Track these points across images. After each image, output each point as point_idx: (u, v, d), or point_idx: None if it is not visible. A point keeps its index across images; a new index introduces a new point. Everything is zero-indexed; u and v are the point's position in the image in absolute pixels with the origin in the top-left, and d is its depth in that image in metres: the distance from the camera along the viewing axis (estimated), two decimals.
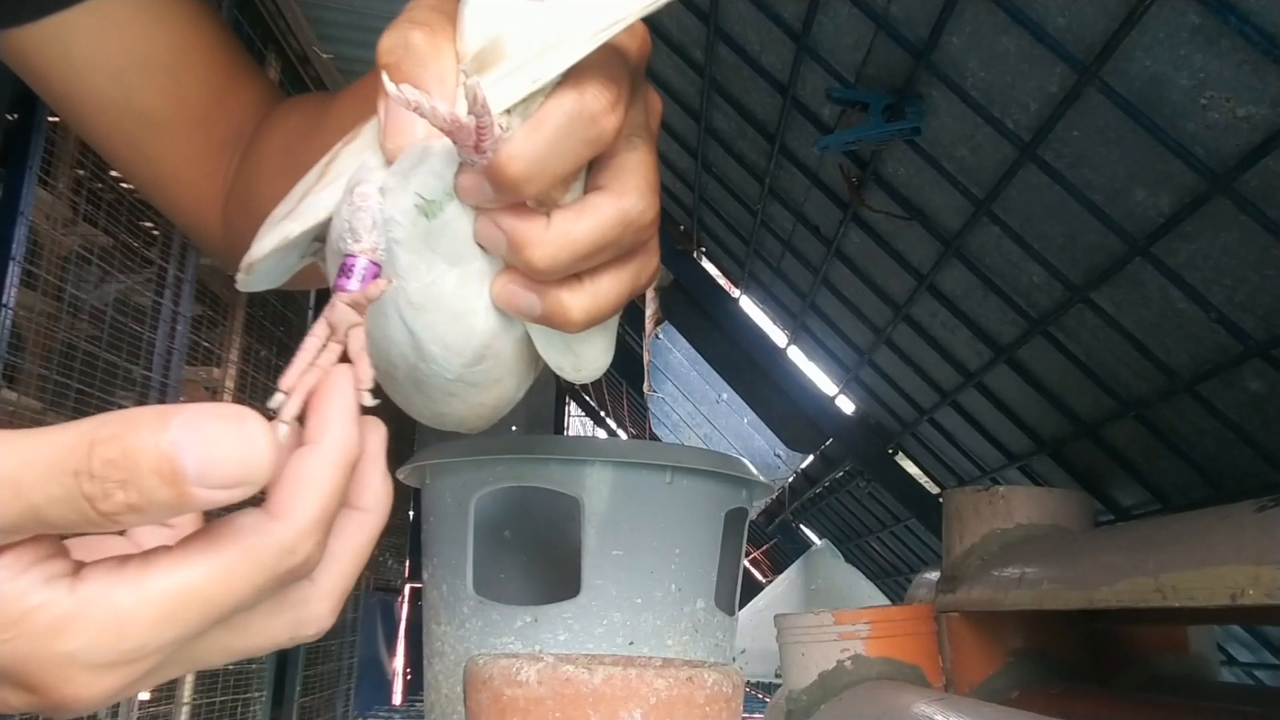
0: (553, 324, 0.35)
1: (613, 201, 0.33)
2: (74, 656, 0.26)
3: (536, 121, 0.32)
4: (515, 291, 0.34)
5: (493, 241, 0.34)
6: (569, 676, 0.49)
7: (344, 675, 3.41)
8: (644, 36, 0.35)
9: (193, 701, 2.31)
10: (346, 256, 0.33)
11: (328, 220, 0.34)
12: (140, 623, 0.27)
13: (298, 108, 0.53)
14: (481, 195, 0.33)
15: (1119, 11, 0.59)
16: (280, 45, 2.71)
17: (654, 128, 0.36)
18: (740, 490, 0.93)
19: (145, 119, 0.52)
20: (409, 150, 0.33)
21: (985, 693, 0.73)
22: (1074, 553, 0.65)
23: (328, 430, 0.30)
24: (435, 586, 0.91)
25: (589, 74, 0.32)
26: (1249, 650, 0.99)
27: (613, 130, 0.32)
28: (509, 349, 0.37)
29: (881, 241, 1.06)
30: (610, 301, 0.35)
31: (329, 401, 0.30)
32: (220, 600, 0.28)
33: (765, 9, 0.93)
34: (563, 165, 0.32)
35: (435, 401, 0.38)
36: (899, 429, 1.46)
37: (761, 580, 3.42)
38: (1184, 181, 0.64)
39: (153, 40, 0.51)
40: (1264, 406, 0.71)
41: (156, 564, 0.27)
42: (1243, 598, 0.43)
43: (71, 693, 0.27)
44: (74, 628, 0.26)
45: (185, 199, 0.56)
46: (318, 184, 0.35)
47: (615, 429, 6.08)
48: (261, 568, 0.28)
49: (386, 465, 0.32)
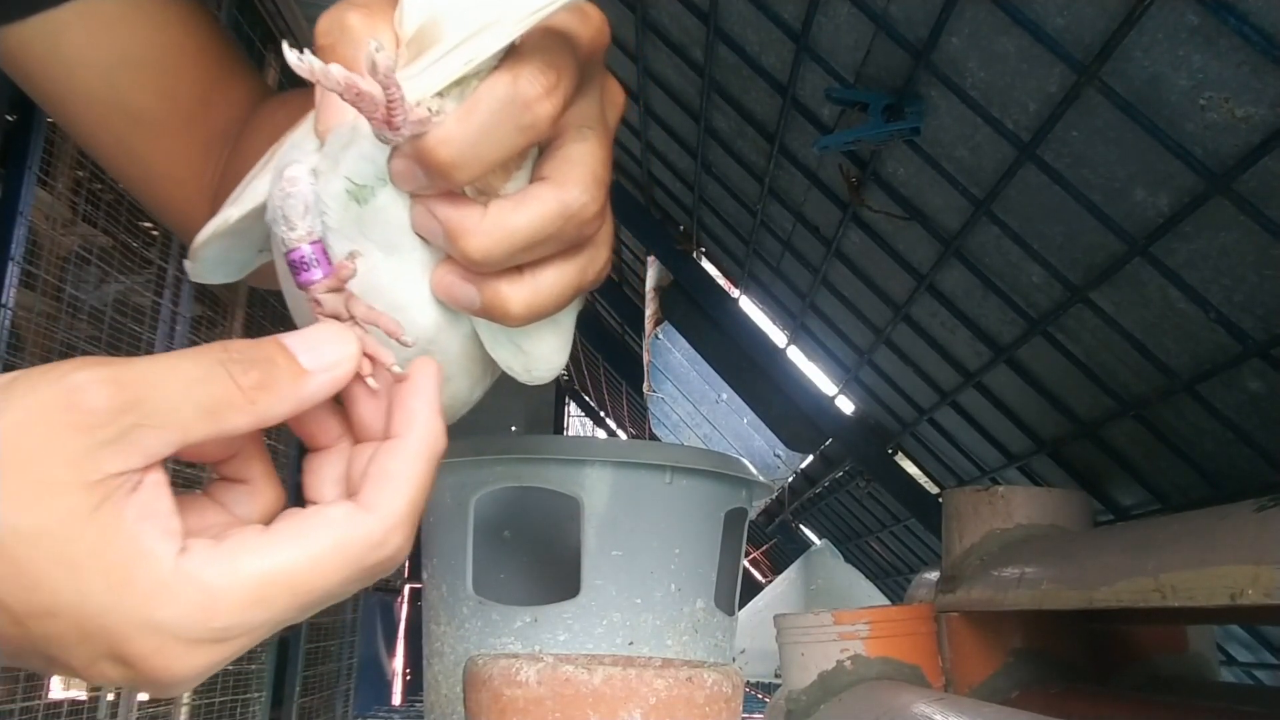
0: (493, 317, 0.34)
1: (554, 193, 0.32)
2: (167, 627, 0.27)
3: (469, 106, 0.31)
4: (454, 283, 0.33)
5: (428, 230, 0.33)
6: (568, 677, 0.49)
7: (343, 675, 3.41)
8: (599, 24, 0.34)
9: (192, 702, 2.31)
10: (290, 253, 0.32)
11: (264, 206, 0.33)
12: (230, 604, 0.28)
13: (287, 104, 0.53)
14: (414, 181, 0.32)
15: (1118, 12, 0.59)
16: (280, 45, 2.71)
17: (612, 121, 0.35)
18: (740, 490, 0.93)
19: (135, 117, 0.52)
20: (337, 130, 0.32)
21: (985, 693, 0.73)
22: (1073, 553, 0.65)
23: (413, 425, 0.31)
24: (435, 587, 0.91)
25: (526, 58, 0.31)
26: (1248, 650, 0.99)
27: (548, 117, 0.31)
28: (455, 346, 0.35)
29: (881, 241, 1.06)
30: (553, 296, 0.34)
31: (413, 396, 0.32)
32: (309, 589, 0.29)
33: (765, 9, 0.93)
34: (496, 151, 0.31)
35: None
36: (899, 429, 1.46)
37: (761, 580, 3.42)
38: (1183, 181, 0.64)
39: (143, 38, 0.51)
40: (1263, 406, 0.71)
41: (249, 545, 0.29)
42: (1242, 598, 0.43)
43: (163, 664, 0.27)
44: (169, 598, 0.27)
45: (175, 197, 0.56)
46: (261, 170, 0.34)
47: (615, 429, 6.07)
48: (350, 559, 0.29)
49: (435, 399, 0.33)
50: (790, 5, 0.90)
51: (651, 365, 2.46)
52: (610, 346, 3.06)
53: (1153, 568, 0.50)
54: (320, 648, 3.12)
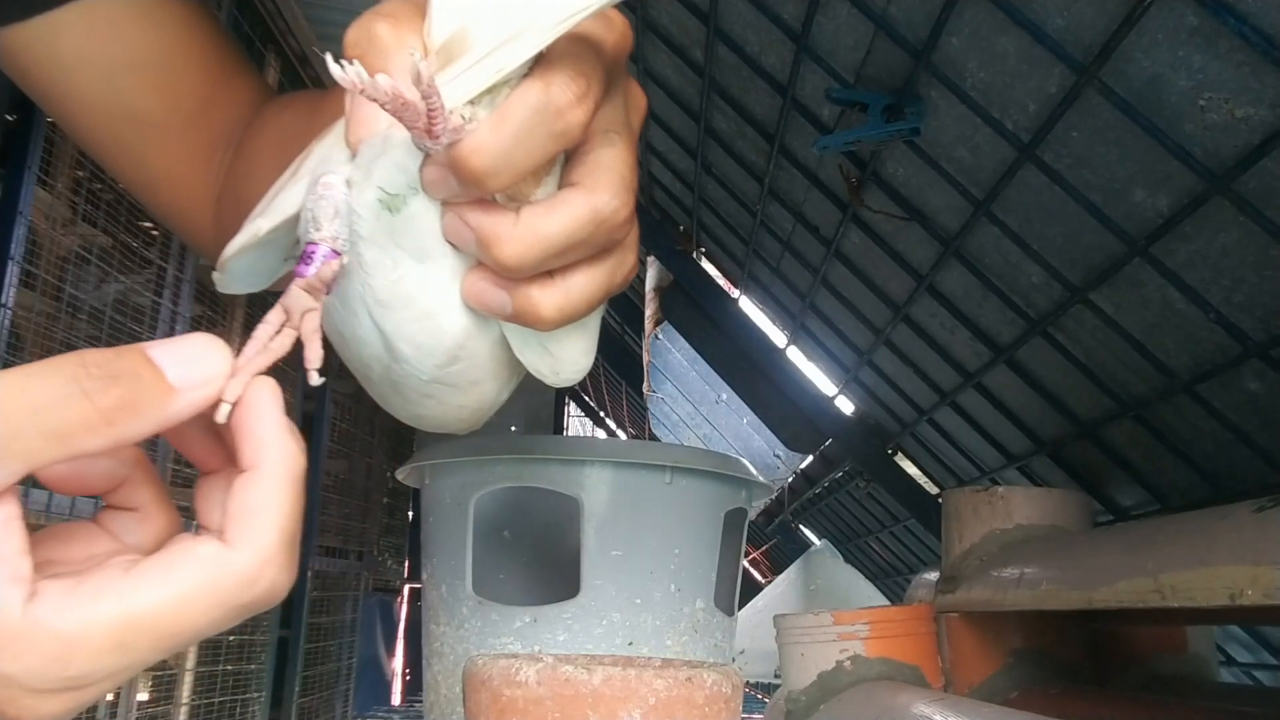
0: (524, 322, 0.34)
1: (585, 198, 0.32)
2: (17, 679, 0.26)
3: (501, 114, 0.31)
4: (485, 289, 0.33)
5: (460, 238, 0.33)
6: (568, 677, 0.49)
7: (343, 676, 3.41)
8: (623, 29, 0.34)
9: (191, 702, 2.31)
10: (307, 245, 0.32)
11: (297, 217, 0.33)
12: (86, 651, 0.26)
13: (290, 106, 0.52)
14: (447, 189, 0.32)
15: (1118, 12, 0.59)
16: (279, 45, 2.71)
17: (636, 124, 0.35)
18: (740, 490, 0.93)
19: (136, 118, 0.52)
20: (370, 141, 0.32)
21: (984, 693, 0.73)
22: (1073, 553, 0.65)
23: (265, 453, 0.29)
24: (434, 587, 0.91)
25: (557, 66, 0.31)
26: (1248, 650, 0.99)
27: (579, 124, 0.31)
28: (484, 350, 0.36)
29: (881, 242, 1.06)
30: (584, 299, 0.34)
31: (256, 421, 0.29)
32: (173, 631, 0.27)
33: (765, 9, 0.93)
34: (528, 159, 0.31)
35: (412, 403, 0.37)
36: (898, 429, 1.46)
37: (761, 580, 3.42)
38: (1183, 182, 0.64)
39: (145, 39, 0.51)
40: (1263, 407, 0.71)
41: (108, 587, 0.27)
42: (1241, 598, 0.43)
43: (14, 715, 0.26)
44: (19, 648, 0.25)
45: (176, 199, 0.56)
46: (290, 181, 0.34)
47: (615, 429, 6.07)
48: (220, 600, 0.27)
49: (281, 420, 0.30)
50: (790, 5, 0.90)
51: (651, 365, 2.46)
52: (610, 346, 3.06)
53: (1152, 568, 0.50)
54: (320, 648, 3.12)
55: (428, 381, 0.35)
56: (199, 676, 2.33)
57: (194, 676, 2.31)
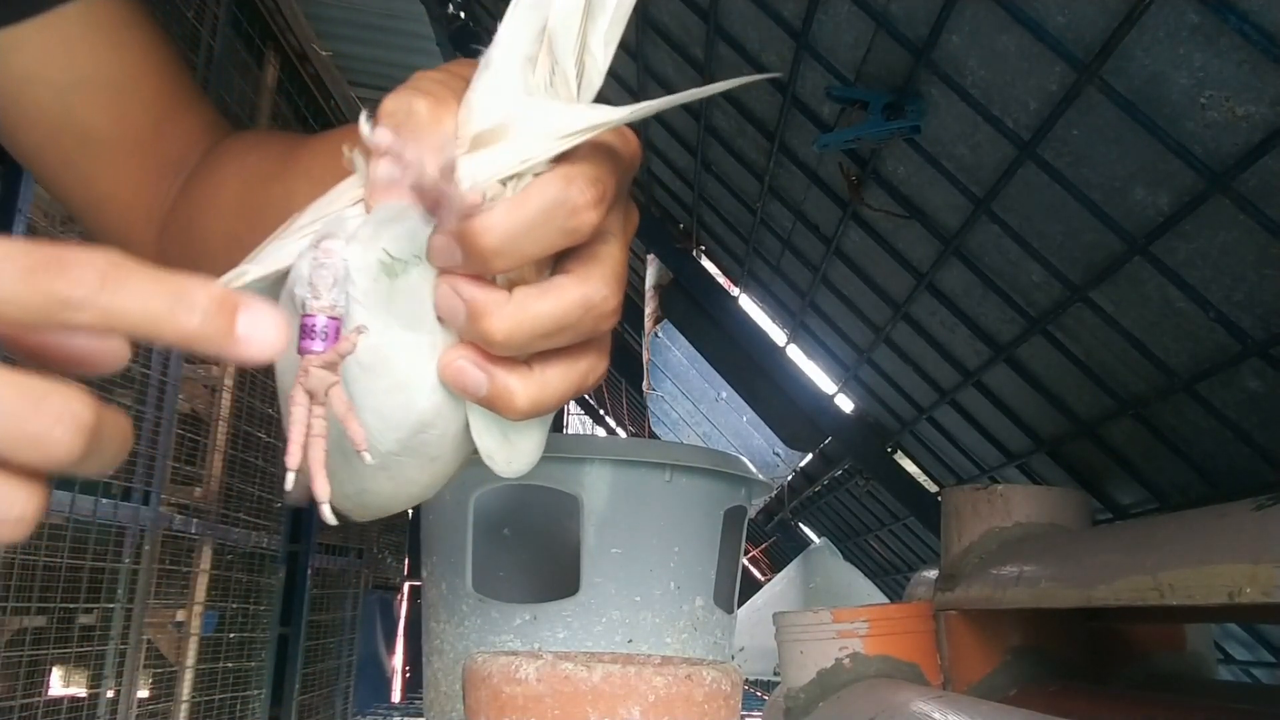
0: (496, 407, 0.34)
1: (578, 285, 0.33)
2: None
3: (520, 199, 0.31)
4: (464, 368, 0.34)
5: (451, 309, 0.33)
6: (568, 674, 0.49)
7: (343, 673, 3.42)
8: (636, 148, 0.35)
9: (192, 699, 2.31)
10: (305, 317, 0.32)
11: (288, 270, 0.33)
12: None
13: (257, 148, 0.52)
14: (450, 258, 0.32)
15: (1119, 10, 0.59)
16: (279, 42, 2.71)
17: (628, 235, 0.36)
18: (739, 488, 0.93)
19: (85, 137, 0.52)
20: (387, 205, 0.32)
21: (983, 690, 0.73)
22: (1072, 551, 0.65)
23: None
24: (434, 584, 0.91)
25: (580, 167, 0.32)
26: (1246, 648, 0.99)
27: (590, 225, 0.32)
28: (453, 429, 0.36)
29: (881, 240, 1.06)
30: (556, 394, 0.35)
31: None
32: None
33: (765, 7, 0.93)
34: (536, 247, 0.32)
35: (362, 476, 0.36)
36: (898, 427, 1.46)
37: (760, 578, 3.43)
38: (1183, 180, 0.64)
39: (100, 60, 0.51)
40: (1262, 405, 0.71)
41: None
42: (1240, 596, 0.43)
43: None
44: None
45: (117, 220, 0.55)
46: (285, 235, 0.34)
47: (614, 427, 6.07)
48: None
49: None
50: (790, 3, 0.90)
51: (651, 363, 2.46)
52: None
53: (1151, 566, 0.50)
54: (320, 645, 3.12)
55: (384, 454, 0.35)
56: (199, 674, 2.33)
57: (194, 674, 2.32)
